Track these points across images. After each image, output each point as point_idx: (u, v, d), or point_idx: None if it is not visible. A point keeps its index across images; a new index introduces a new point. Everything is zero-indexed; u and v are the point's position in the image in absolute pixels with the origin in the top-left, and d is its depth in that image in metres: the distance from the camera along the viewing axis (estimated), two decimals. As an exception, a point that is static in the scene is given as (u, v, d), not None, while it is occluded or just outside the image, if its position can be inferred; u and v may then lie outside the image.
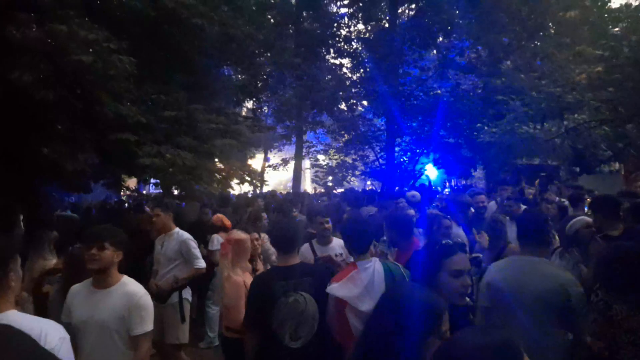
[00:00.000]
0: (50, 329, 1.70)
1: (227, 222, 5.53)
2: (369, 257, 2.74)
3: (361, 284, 2.53)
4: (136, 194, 11.65)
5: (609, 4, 13.93)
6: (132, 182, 11.71)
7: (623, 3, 11.08)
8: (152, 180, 10.21)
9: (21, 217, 4.51)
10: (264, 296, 2.68)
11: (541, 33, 14.41)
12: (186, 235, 4.41)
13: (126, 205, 10.08)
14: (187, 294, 4.40)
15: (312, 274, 2.79)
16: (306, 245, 4.06)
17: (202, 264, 4.38)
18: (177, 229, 4.45)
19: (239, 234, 3.48)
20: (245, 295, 2.97)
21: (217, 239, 5.31)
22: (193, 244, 4.39)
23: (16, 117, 4.36)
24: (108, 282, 2.52)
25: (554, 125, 12.25)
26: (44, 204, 5.41)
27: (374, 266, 2.66)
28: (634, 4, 10.55)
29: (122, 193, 10.89)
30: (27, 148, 4.52)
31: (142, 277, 3.91)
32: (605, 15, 12.23)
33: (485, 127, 12.63)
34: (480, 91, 15.37)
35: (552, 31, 14.49)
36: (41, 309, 3.30)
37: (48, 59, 4.15)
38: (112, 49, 4.71)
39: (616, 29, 11.40)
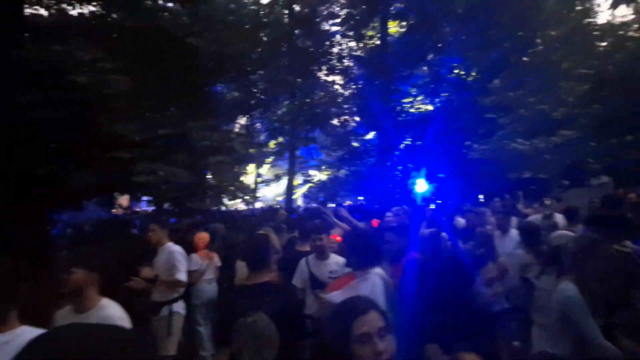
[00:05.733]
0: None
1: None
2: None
3: (364, 292, 2.42)
4: (129, 212, 11.54)
5: (593, 19, 14.23)
6: (124, 200, 11.63)
7: (607, 20, 11.37)
8: (145, 198, 10.17)
9: None
10: (226, 315, 2.55)
11: (530, 50, 14.70)
12: (176, 248, 4.43)
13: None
14: (179, 307, 4.40)
15: (276, 293, 2.61)
16: (302, 261, 4.00)
17: (180, 276, 4.30)
18: (169, 243, 4.47)
19: None
20: None
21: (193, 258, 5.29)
22: (179, 256, 4.37)
23: (14, 139, 4.34)
24: (85, 306, 2.46)
25: (542, 141, 12.42)
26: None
27: (374, 279, 2.58)
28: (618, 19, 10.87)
29: (114, 211, 10.76)
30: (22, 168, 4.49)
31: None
32: (594, 33, 12.48)
33: (475, 145, 12.79)
34: (470, 109, 15.59)
35: (541, 48, 14.75)
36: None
37: (46, 79, 4.17)
38: (107, 69, 4.74)
39: (601, 45, 11.69)
